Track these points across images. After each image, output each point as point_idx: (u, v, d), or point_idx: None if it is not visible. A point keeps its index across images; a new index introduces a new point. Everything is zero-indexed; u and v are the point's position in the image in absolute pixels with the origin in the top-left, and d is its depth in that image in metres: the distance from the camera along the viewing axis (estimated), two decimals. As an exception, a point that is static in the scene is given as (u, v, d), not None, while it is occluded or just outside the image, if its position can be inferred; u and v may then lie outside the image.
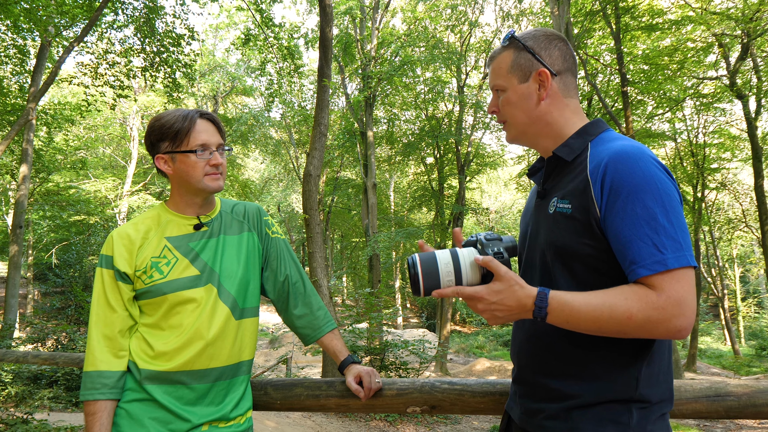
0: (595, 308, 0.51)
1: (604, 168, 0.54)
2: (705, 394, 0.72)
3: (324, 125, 4.57)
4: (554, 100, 0.62)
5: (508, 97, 0.63)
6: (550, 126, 0.62)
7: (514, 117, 0.63)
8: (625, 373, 0.54)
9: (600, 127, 0.62)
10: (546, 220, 0.60)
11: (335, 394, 0.83)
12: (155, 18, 6.20)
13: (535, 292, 0.53)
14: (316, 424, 3.94)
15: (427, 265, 0.56)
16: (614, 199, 0.52)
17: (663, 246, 0.50)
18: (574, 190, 0.56)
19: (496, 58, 0.64)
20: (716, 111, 9.57)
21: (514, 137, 0.66)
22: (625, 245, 0.51)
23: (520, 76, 0.62)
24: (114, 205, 11.76)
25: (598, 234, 0.54)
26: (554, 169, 0.63)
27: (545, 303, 0.52)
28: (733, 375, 8.95)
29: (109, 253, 0.76)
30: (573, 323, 0.52)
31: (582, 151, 0.60)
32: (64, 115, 7.91)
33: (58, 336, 5.60)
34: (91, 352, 0.73)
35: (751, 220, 12.49)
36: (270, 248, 0.87)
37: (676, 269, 0.49)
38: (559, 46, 0.62)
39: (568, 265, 0.56)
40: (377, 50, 9.61)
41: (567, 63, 0.62)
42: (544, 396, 0.58)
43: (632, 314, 0.49)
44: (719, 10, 7.05)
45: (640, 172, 0.52)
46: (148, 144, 0.80)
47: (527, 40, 0.62)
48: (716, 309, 17.50)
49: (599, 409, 0.54)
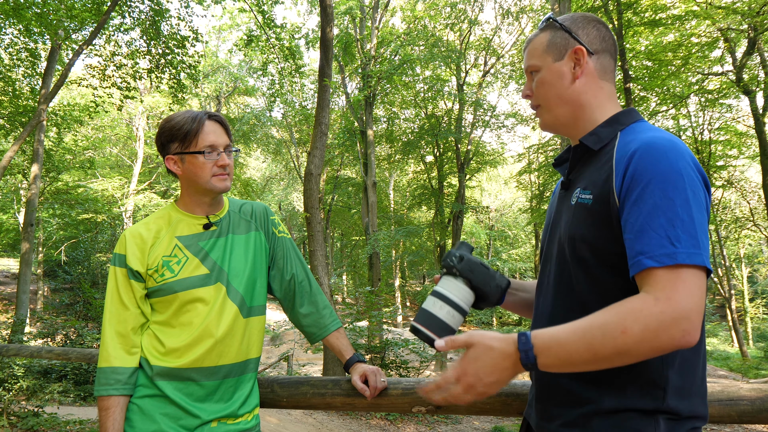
0: (585, 332, 0.45)
1: (629, 157, 0.49)
2: (717, 398, 0.68)
3: (325, 124, 4.61)
4: (589, 80, 0.58)
5: (543, 77, 0.60)
6: (583, 108, 0.59)
7: (548, 98, 0.60)
8: (650, 380, 0.48)
9: (633, 117, 0.57)
10: (567, 211, 0.57)
11: (341, 392, 0.83)
12: (160, 21, 6.32)
13: (515, 336, 0.48)
14: (318, 422, 4.00)
15: (429, 323, 0.56)
16: (634, 186, 0.48)
17: (677, 239, 0.44)
18: (597, 180, 0.53)
19: (533, 41, 0.62)
20: (722, 107, 9.35)
21: (548, 121, 0.62)
22: (637, 234, 0.46)
23: (556, 54, 0.59)
24: (120, 204, 11.91)
25: (615, 227, 0.50)
26: (580, 158, 0.59)
27: (529, 344, 0.47)
28: (741, 377, 8.62)
29: (122, 252, 0.78)
30: (566, 357, 0.46)
31: (610, 141, 0.56)
32: (73, 116, 8.09)
33: (67, 331, 5.73)
34: (105, 349, 0.75)
35: (759, 219, 12.24)
36: (276, 247, 0.88)
37: (685, 266, 0.44)
38: (597, 26, 0.60)
39: (584, 260, 0.52)
40: (377, 49, 9.65)
41: (605, 44, 0.59)
42: (561, 400, 0.54)
43: (627, 327, 0.44)
44: (724, 4, 6.82)
45: (667, 162, 0.47)
46: (158, 145, 0.81)
47: (564, 20, 0.60)
48: (723, 310, 17.19)
49: (621, 418, 0.49)
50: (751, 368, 9.38)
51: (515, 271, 19.00)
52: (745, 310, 15.73)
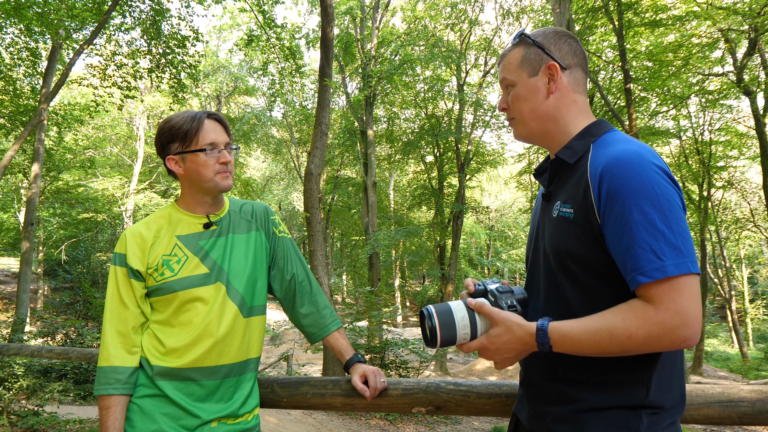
0: (595, 333, 0.50)
1: (600, 173, 0.53)
2: (717, 400, 0.69)
3: (325, 124, 4.61)
4: (563, 94, 0.61)
5: (518, 92, 0.63)
6: (557, 122, 0.62)
7: (522, 112, 0.63)
8: (634, 379, 0.52)
9: (603, 128, 0.60)
10: (550, 224, 0.60)
11: (341, 392, 0.83)
12: (161, 20, 6.32)
13: (534, 329, 0.53)
14: (317, 422, 3.99)
15: (444, 319, 0.56)
16: (611, 205, 0.51)
17: (662, 252, 0.48)
18: (576, 194, 0.56)
19: (507, 56, 0.64)
20: (722, 108, 9.34)
21: (522, 133, 0.65)
22: (624, 253, 0.50)
23: (530, 70, 0.62)
24: (121, 203, 11.92)
25: (599, 239, 0.53)
26: (557, 171, 0.62)
27: (546, 338, 0.52)
28: (741, 378, 8.61)
29: (123, 251, 0.78)
30: (577, 351, 0.52)
31: (584, 153, 0.58)
32: (74, 115, 8.09)
33: (67, 330, 5.73)
34: (105, 348, 0.75)
35: (759, 220, 12.25)
36: (277, 247, 0.87)
37: (677, 277, 0.47)
38: (569, 41, 0.62)
39: (572, 270, 0.56)
40: (377, 49, 9.66)
41: (577, 58, 0.62)
42: (552, 399, 0.58)
43: (632, 333, 0.48)
44: (725, 4, 6.80)
45: (638, 176, 0.50)
46: (158, 146, 0.81)
47: (537, 36, 0.62)
48: (723, 311, 17.18)
49: (609, 414, 0.52)
50: (752, 369, 9.34)
51: (515, 271, 19.00)
52: (745, 311, 15.63)
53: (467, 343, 0.57)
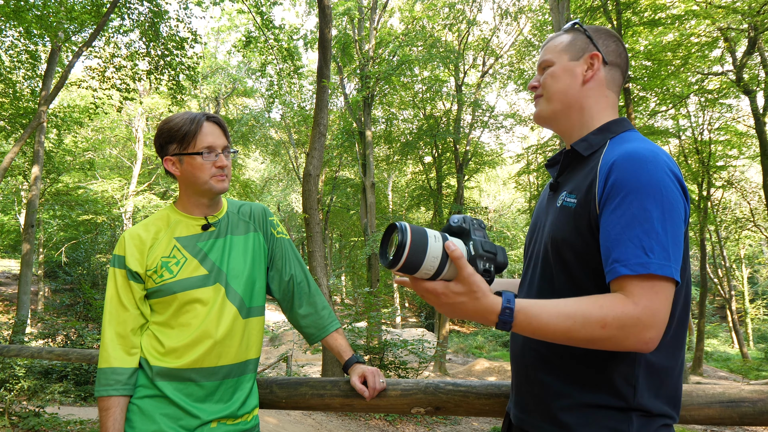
0: (568, 317, 0.48)
1: (610, 166, 0.52)
2: (718, 400, 0.68)
3: (323, 125, 4.62)
4: (597, 86, 0.61)
5: (554, 71, 0.62)
6: (582, 112, 0.61)
7: (552, 91, 0.62)
8: (621, 378, 0.51)
9: (623, 126, 0.60)
10: (553, 213, 0.59)
11: (340, 393, 0.83)
12: (160, 22, 6.34)
13: (500, 306, 0.49)
14: (317, 422, 3.99)
15: (417, 242, 0.47)
16: (614, 195, 0.50)
17: (651, 250, 0.47)
18: (582, 185, 0.55)
19: (553, 39, 0.65)
20: (722, 107, 9.29)
21: (544, 112, 0.63)
22: (613, 243, 0.49)
23: (573, 54, 0.62)
24: (120, 205, 11.95)
25: (595, 231, 0.52)
26: (570, 162, 0.62)
27: (510, 318, 0.49)
28: (741, 379, 8.57)
29: (122, 254, 0.78)
30: (540, 334, 0.49)
31: (599, 148, 0.58)
32: (73, 117, 8.13)
33: (67, 332, 5.74)
34: (105, 350, 0.75)
35: (759, 220, 12.16)
36: (275, 248, 0.87)
37: (657, 277, 0.47)
38: (617, 43, 0.63)
39: (567, 262, 0.55)
40: (375, 50, 9.66)
41: (620, 59, 0.63)
42: (539, 394, 0.57)
43: (607, 323, 0.47)
44: (724, 3, 6.74)
45: (647, 174, 0.49)
46: (157, 146, 0.82)
47: (588, 28, 0.63)
48: (723, 311, 17.09)
49: (598, 415, 0.52)
50: (752, 369, 9.22)
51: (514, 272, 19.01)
52: (745, 311, 15.55)
53: (422, 281, 0.49)
